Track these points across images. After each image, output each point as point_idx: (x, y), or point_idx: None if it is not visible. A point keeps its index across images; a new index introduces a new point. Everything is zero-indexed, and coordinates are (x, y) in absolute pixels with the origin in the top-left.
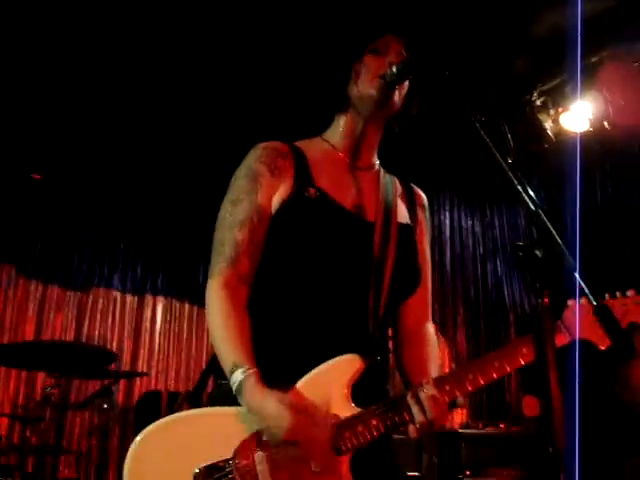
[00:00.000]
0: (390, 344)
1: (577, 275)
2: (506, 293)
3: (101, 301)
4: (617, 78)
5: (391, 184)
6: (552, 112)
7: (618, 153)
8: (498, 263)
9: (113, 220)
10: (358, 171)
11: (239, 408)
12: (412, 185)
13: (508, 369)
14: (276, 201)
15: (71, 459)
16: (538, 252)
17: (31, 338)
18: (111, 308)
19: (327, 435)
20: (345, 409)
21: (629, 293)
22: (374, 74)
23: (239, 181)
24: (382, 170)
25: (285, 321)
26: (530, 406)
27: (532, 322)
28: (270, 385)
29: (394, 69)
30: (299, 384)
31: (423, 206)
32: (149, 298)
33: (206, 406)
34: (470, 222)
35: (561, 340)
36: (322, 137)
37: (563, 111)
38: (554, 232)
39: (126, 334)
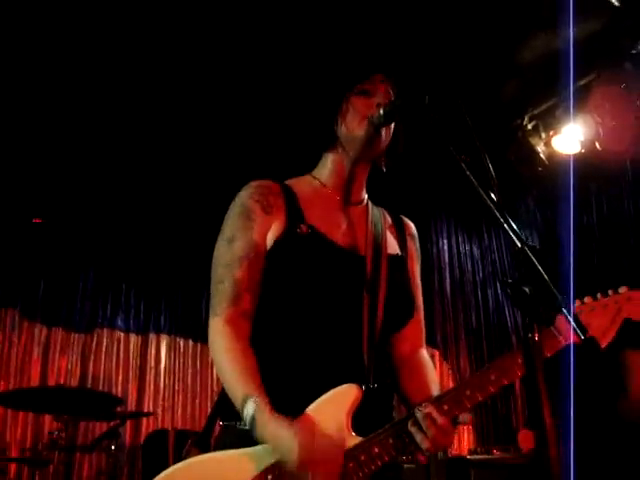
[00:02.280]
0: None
1: (566, 313)
2: (508, 316)
3: (105, 341)
4: (605, 101)
5: (380, 217)
6: (544, 135)
7: (611, 173)
8: (498, 287)
9: (114, 260)
10: (347, 207)
11: (246, 450)
12: (401, 216)
13: (505, 382)
14: (270, 238)
15: None
16: (526, 288)
17: (37, 381)
18: (115, 348)
19: (341, 462)
20: (347, 439)
21: (621, 290)
22: (362, 115)
23: (233, 219)
24: (370, 204)
25: (283, 355)
26: (525, 440)
27: (523, 356)
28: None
29: (381, 112)
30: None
31: (412, 235)
32: (153, 336)
33: (214, 449)
34: (468, 247)
35: (556, 345)
36: (311, 175)
37: (554, 134)
38: (541, 269)
39: (131, 373)
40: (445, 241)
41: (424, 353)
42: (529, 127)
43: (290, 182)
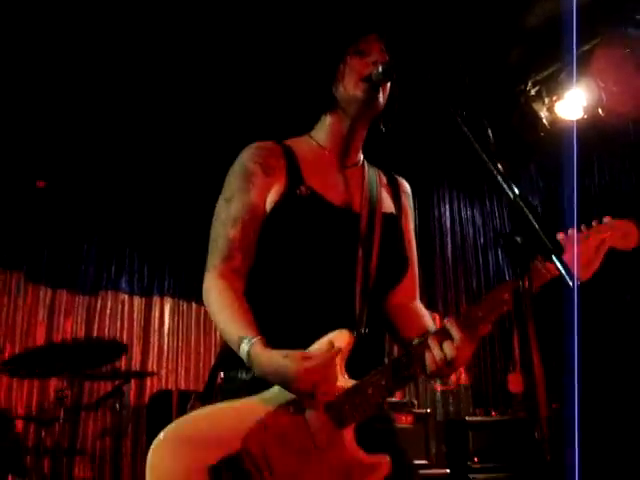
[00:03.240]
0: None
1: (555, 258)
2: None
3: (109, 304)
4: (609, 65)
5: (375, 176)
6: (547, 101)
7: (614, 139)
8: (499, 252)
9: (118, 224)
10: (344, 168)
11: (243, 400)
12: (395, 175)
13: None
14: (270, 199)
15: (86, 460)
16: (518, 238)
17: (42, 342)
18: (119, 310)
19: (333, 397)
20: (340, 382)
21: (605, 219)
22: (359, 75)
23: (233, 179)
24: (366, 164)
25: (278, 307)
26: (514, 383)
27: (513, 304)
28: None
29: (380, 69)
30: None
31: (407, 194)
32: (157, 299)
33: (216, 401)
34: (470, 212)
35: (542, 278)
36: (310, 135)
37: (557, 99)
38: (533, 219)
39: (135, 335)
40: (447, 207)
41: (419, 303)
42: (532, 92)
43: (290, 142)
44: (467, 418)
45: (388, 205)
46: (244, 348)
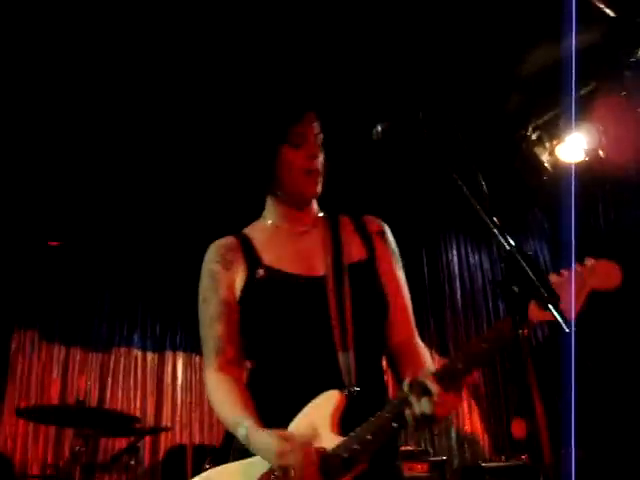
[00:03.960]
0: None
1: (551, 307)
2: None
3: (122, 360)
4: (607, 109)
5: (336, 227)
6: (547, 145)
7: (616, 180)
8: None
9: (130, 280)
10: (301, 236)
11: (250, 459)
12: (363, 217)
13: (497, 348)
14: (237, 289)
15: None
16: (515, 287)
17: (56, 400)
18: (132, 366)
19: (313, 458)
20: (331, 440)
21: (586, 261)
22: (298, 170)
23: (203, 281)
24: (325, 220)
25: (271, 381)
26: (517, 428)
27: (513, 352)
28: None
29: (379, 128)
30: (290, 427)
31: (379, 232)
32: (169, 354)
33: (232, 458)
34: (478, 257)
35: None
36: (263, 217)
37: (558, 143)
38: (529, 269)
39: (149, 391)
40: (454, 252)
41: (418, 341)
42: (533, 137)
43: (246, 230)
44: (483, 464)
45: (355, 253)
46: (242, 432)
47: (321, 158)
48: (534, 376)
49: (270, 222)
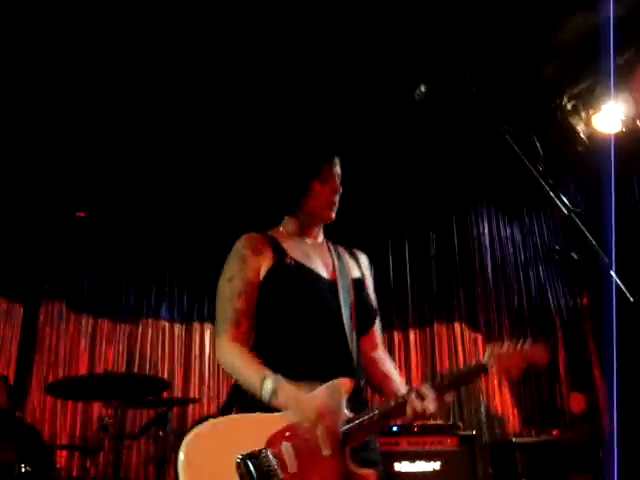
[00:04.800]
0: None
1: (613, 273)
2: (550, 298)
3: (150, 331)
4: None
5: (339, 251)
6: (583, 115)
7: None
8: (540, 269)
9: (157, 251)
10: (313, 246)
11: (267, 414)
12: (354, 250)
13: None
14: (263, 272)
15: None
16: (574, 255)
17: (85, 371)
18: (160, 337)
19: (339, 423)
20: (345, 415)
21: (525, 344)
22: (324, 200)
23: (231, 263)
24: (326, 239)
25: (287, 357)
26: (577, 403)
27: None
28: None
29: (422, 89)
30: (314, 393)
31: (365, 264)
32: (197, 325)
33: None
34: (509, 230)
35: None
36: (280, 227)
37: (594, 113)
38: (588, 234)
39: (176, 362)
40: (485, 224)
41: (383, 350)
42: (569, 107)
43: (271, 232)
44: (514, 439)
45: (355, 271)
46: (268, 385)
47: (339, 192)
48: (594, 349)
49: (288, 232)
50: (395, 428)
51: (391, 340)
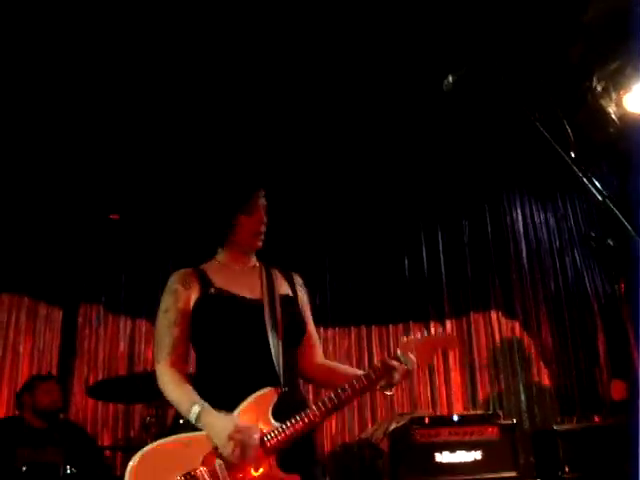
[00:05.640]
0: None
1: None
2: (587, 283)
3: None
4: None
5: (271, 272)
6: (614, 96)
7: None
8: (576, 254)
9: (191, 251)
10: (244, 272)
11: (198, 433)
12: (289, 271)
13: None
14: (192, 302)
15: None
16: (610, 241)
17: (124, 372)
18: None
19: (256, 440)
20: (267, 425)
21: (434, 331)
22: (250, 232)
23: (166, 297)
24: (261, 265)
25: (217, 378)
26: (618, 389)
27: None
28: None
29: (450, 79)
30: (235, 412)
31: (299, 283)
32: None
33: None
34: (543, 216)
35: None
36: (214, 258)
37: (625, 93)
38: (623, 219)
39: None
40: (519, 210)
41: (324, 359)
42: (599, 88)
43: (202, 265)
44: (555, 427)
45: (284, 289)
46: (195, 409)
47: (265, 222)
48: (634, 336)
49: (220, 262)
50: (435, 420)
51: (428, 331)
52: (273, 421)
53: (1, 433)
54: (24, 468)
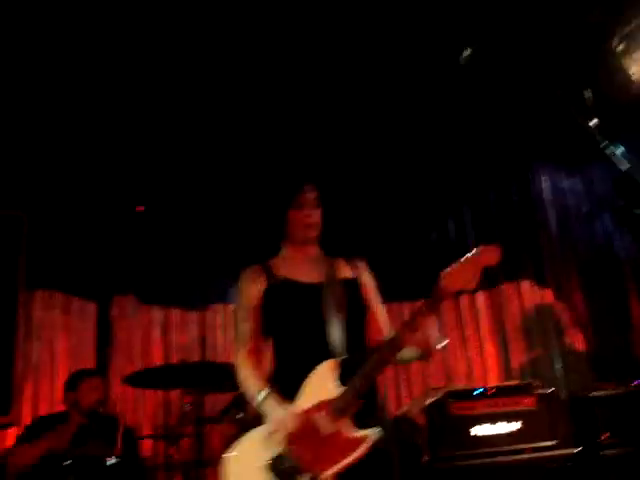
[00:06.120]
0: None
1: None
2: (619, 248)
3: (220, 316)
4: None
5: (332, 260)
6: (636, 55)
7: None
8: (606, 219)
9: (219, 238)
10: (303, 261)
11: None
12: (354, 258)
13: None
14: (260, 294)
15: (216, 471)
16: (636, 211)
17: (160, 361)
18: (230, 321)
19: (305, 427)
20: (335, 390)
21: (477, 249)
22: (301, 224)
23: (237, 295)
24: (325, 255)
25: (286, 360)
26: None
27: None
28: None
29: (468, 52)
30: (298, 397)
31: (361, 265)
32: None
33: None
34: (570, 182)
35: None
36: (279, 253)
37: None
38: None
39: None
40: (547, 178)
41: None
42: (620, 49)
43: (269, 261)
44: (592, 393)
45: (346, 273)
46: (261, 396)
47: (317, 213)
48: None
49: (283, 255)
50: (470, 392)
51: (457, 305)
52: (339, 388)
53: (46, 430)
54: (67, 462)
